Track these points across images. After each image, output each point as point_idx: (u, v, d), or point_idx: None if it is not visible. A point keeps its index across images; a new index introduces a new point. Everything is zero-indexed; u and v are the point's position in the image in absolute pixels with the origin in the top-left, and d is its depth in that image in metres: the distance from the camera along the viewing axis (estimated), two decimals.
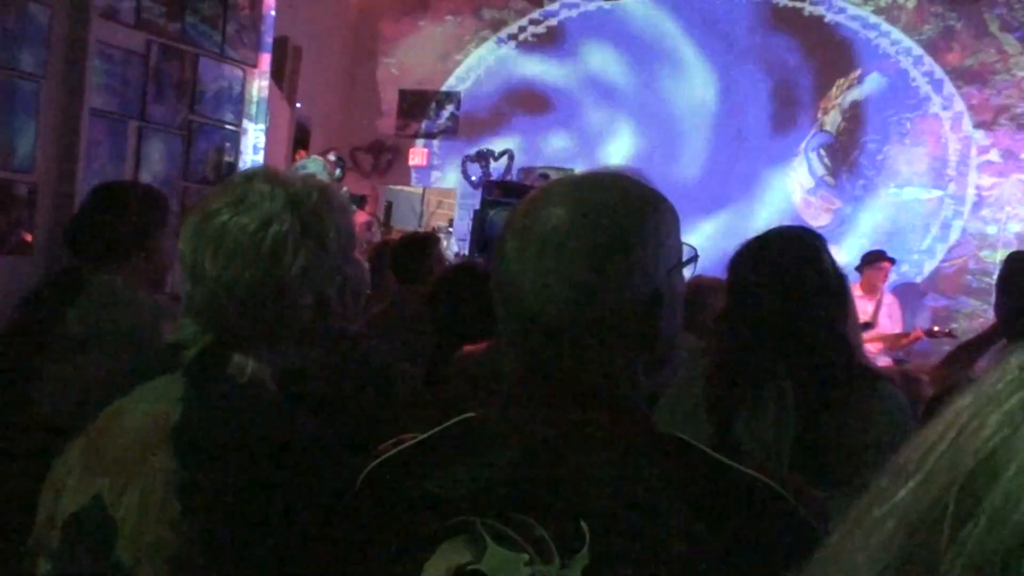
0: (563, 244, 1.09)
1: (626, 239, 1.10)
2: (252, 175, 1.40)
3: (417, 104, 10.09)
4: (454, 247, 8.25)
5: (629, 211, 1.12)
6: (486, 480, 1.06)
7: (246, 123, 5.75)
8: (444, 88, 10.03)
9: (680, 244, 1.19)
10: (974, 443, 0.26)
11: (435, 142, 10.05)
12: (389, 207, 9.07)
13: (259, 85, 5.82)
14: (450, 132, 10.00)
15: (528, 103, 9.63)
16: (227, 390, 1.31)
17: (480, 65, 9.96)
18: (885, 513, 0.29)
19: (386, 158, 10.10)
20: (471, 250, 7.25)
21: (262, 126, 5.88)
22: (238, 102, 5.67)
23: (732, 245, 2.17)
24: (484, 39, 9.96)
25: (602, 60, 9.44)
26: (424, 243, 4.24)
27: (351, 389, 1.69)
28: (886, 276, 7.37)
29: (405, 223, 8.70)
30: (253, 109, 5.79)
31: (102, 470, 1.29)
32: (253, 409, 1.30)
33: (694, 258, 1.21)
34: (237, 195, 1.35)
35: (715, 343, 2.15)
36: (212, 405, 1.30)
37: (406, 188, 9.73)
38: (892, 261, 7.37)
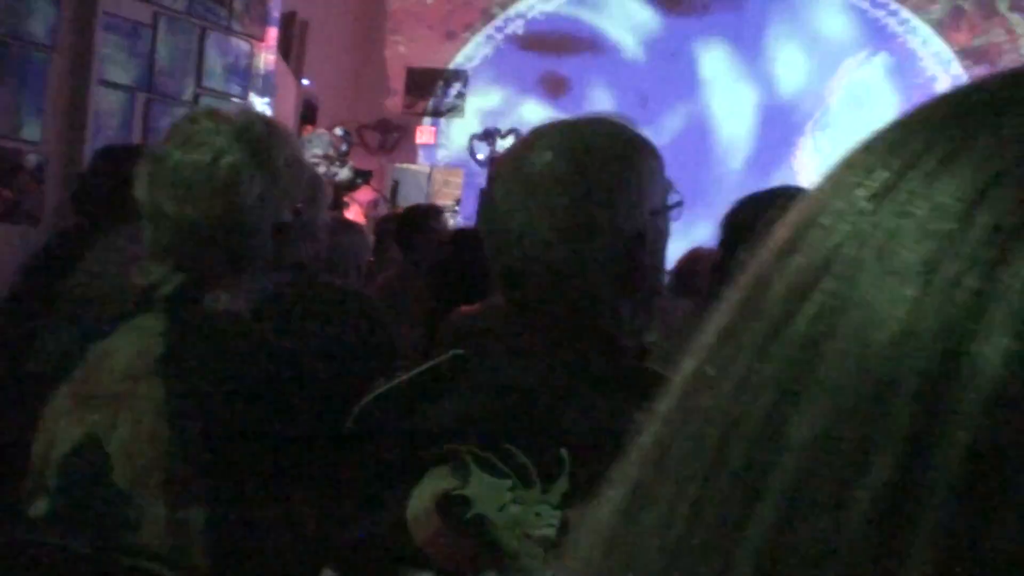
0: (549, 185, 1.13)
1: (610, 181, 1.13)
2: (195, 116, 1.45)
3: (424, 82, 10.10)
4: (460, 225, 8.27)
5: (614, 154, 1.15)
6: (472, 411, 1.10)
7: (252, 96, 5.78)
8: (452, 66, 10.04)
9: (665, 188, 1.22)
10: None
11: (442, 120, 10.07)
12: (395, 185, 9.09)
13: (266, 59, 5.85)
14: (457, 111, 10.02)
15: (537, 85, 9.63)
16: (206, 320, 1.36)
17: (488, 44, 9.96)
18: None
19: (393, 136, 10.12)
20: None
21: (268, 99, 5.91)
22: (245, 76, 5.70)
23: None
24: (492, 17, 9.96)
25: (613, 44, 9.44)
26: (427, 215, 4.28)
27: (349, 340, 1.73)
28: None
29: (412, 201, 8.71)
30: (260, 83, 5.83)
31: (92, 408, 1.34)
32: (232, 336, 1.35)
33: (679, 203, 1.24)
34: (184, 135, 1.39)
35: (707, 297, 2.18)
36: (193, 335, 1.35)
37: (413, 166, 9.75)
38: None
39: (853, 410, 0.26)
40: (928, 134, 0.29)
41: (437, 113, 10.07)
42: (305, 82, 8.15)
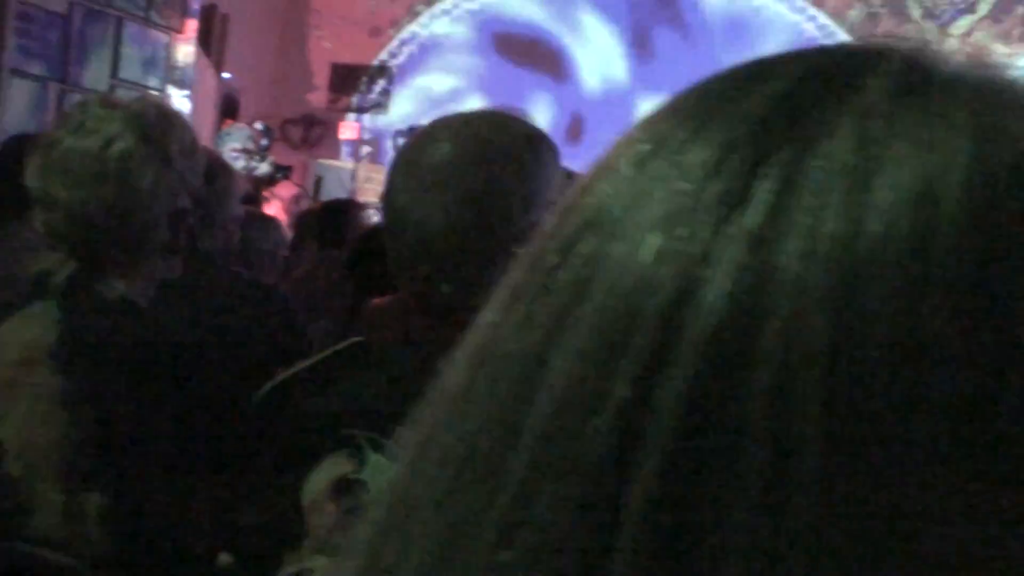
0: (447, 177, 1.15)
1: (505, 173, 1.16)
2: (87, 103, 1.45)
3: (348, 78, 10.03)
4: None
5: (510, 147, 1.18)
6: (370, 397, 1.12)
7: (171, 89, 5.71)
8: (376, 63, 10.00)
9: (563, 181, 1.25)
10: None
11: (366, 117, 10.02)
12: (319, 181, 9.03)
13: (184, 51, 5.79)
14: (382, 107, 9.97)
15: (463, 80, 9.64)
16: (99, 307, 1.36)
17: (414, 40, 9.94)
18: None
19: (317, 132, 10.05)
20: None
21: (187, 92, 5.85)
22: (163, 68, 5.63)
23: None
24: (417, 14, 9.94)
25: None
26: (346, 210, 4.26)
27: (250, 329, 1.73)
28: None
29: (335, 197, 8.66)
30: (178, 75, 5.76)
31: None
32: (127, 323, 1.35)
33: None
34: (76, 122, 1.39)
35: None
36: (88, 322, 1.34)
37: (336, 162, 9.69)
38: None
39: (600, 346, 0.30)
40: (682, 114, 0.34)
41: (361, 109, 10.02)
42: (226, 76, 8.06)
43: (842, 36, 8.95)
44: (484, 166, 1.15)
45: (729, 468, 0.27)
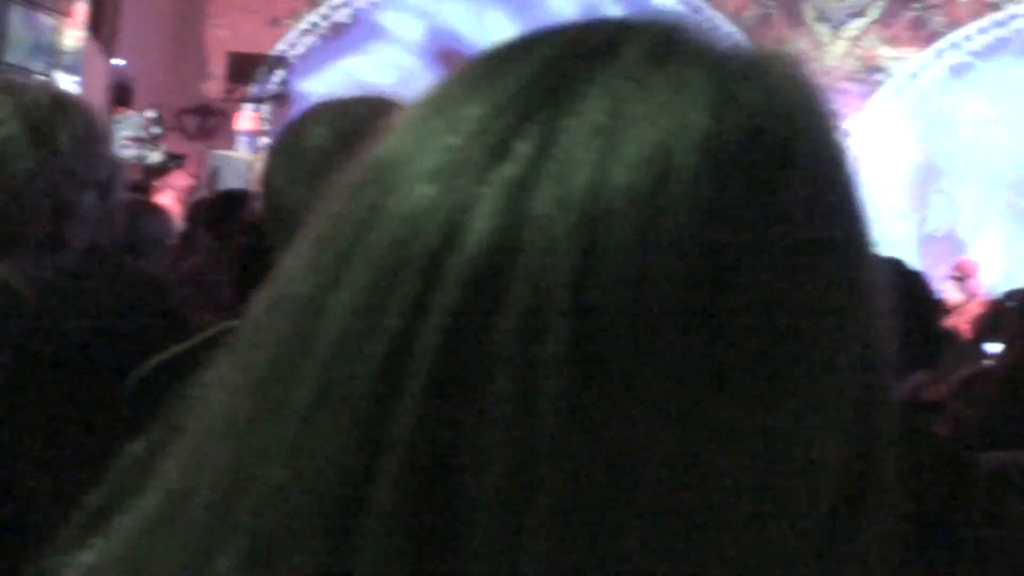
0: (323, 161, 1.15)
1: None
2: None
3: (246, 68, 9.88)
4: None
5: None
6: None
7: (58, 74, 5.57)
8: (274, 53, 9.87)
9: None
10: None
11: (264, 107, 9.89)
12: (214, 172, 8.88)
13: (73, 36, 5.64)
14: (280, 98, 9.85)
15: (365, 71, 9.57)
16: None
17: (314, 31, 9.84)
18: None
19: (213, 121, 9.88)
20: None
21: (76, 78, 5.70)
22: (49, 52, 5.48)
23: None
24: (317, 4, 9.85)
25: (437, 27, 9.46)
26: (238, 201, 4.21)
27: (132, 318, 1.70)
28: None
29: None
30: (67, 60, 5.62)
31: None
32: (5, 310, 1.32)
33: None
34: None
35: None
36: None
37: (234, 153, 9.54)
38: None
39: (375, 286, 0.32)
40: (461, 79, 0.37)
41: (259, 100, 9.88)
42: (118, 62, 7.88)
43: (737, 36, 9.14)
44: (356, 150, 1.15)
45: (483, 394, 0.30)
